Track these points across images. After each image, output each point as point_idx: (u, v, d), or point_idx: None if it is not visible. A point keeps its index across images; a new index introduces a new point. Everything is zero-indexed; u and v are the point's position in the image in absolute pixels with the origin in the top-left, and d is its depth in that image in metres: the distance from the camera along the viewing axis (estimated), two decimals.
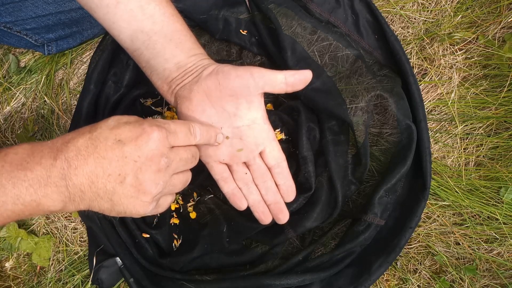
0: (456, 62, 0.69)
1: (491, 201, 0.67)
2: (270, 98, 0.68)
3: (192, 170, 0.64)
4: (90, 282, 0.65)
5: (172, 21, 0.49)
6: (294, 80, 0.48)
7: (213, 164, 0.52)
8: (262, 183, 0.53)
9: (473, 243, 0.68)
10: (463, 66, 0.70)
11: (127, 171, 0.39)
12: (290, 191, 0.55)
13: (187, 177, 0.48)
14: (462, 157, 0.69)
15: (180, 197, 0.66)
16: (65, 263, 0.69)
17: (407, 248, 0.69)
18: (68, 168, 0.37)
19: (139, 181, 0.39)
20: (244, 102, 0.48)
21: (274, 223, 0.62)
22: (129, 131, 0.39)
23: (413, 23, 0.71)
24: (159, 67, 0.48)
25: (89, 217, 0.64)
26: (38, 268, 0.70)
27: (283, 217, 0.54)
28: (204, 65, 0.48)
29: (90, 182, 0.38)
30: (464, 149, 0.69)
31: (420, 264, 0.69)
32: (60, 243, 0.70)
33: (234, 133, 0.50)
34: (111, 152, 0.38)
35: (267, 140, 0.52)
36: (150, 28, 0.47)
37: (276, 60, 0.65)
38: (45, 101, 0.70)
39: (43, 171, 0.37)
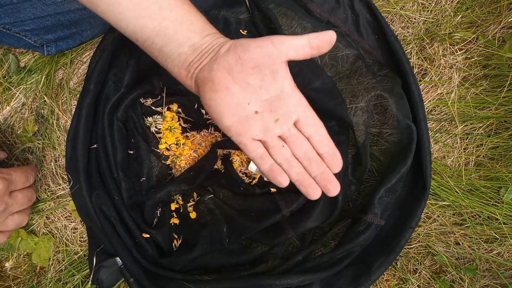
0: (456, 62, 0.69)
1: (491, 201, 0.67)
2: None
3: (192, 170, 0.64)
4: (90, 282, 0.65)
5: (179, 3, 0.47)
6: (318, 41, 0.45)
7: (246, 142, 0.49)
8: (303, 154, 0.49)
9: (473, 243, 0.68)
10: (463, 66, 0.70)
11: None
12: (335, 159, 0.49)
13: (21, 220, 0.59)
14: (462, 157, 0.69)
15: (180, 197, 0.66)
16: (65, 263, 0.69)
17: (407, 248, 0.69)
18: None
19: None
20: (268, 73, 0.45)
21: (273, 223, 0.62)
22: None
23: (413, 23, 0.71)
24: (174, 53, 0.47)
25: (89, 217, 0.64)
26: (38, 268, 0.70)
27: (334, 187, 0.49)
28: (220, 43, 0.46)
29: None
30: (464, 149, 0.69)
31: (420, 264, 0.69)
32: (60, 243, 0.69)
33: (263, 107, 0.47)
34: None
35: (299, 108, 0.48)
36: (158, 14, 0.45)
37: None
38: (45, 101, 0.70)
39: None
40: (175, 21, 0.46)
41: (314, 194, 0.49)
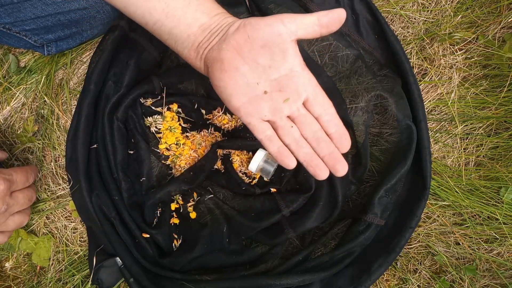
0: (456, 62, 0.69)
1: (491, 201, 0.67)
2: None
3: (192, 170, 0.64)
4: (90, 282, 0.65)
5: None
6: (328, 20, 0.45)
7: (255, 123, 0.48)
8: (312, 134, 0.48)
9: (473, 243, 0.68)
10: (463, 66, 0.70)
11: None
12: (344, 139, 0.48)
13: (21, 220, 0.60)
14: (462, 157, 0.69)
15: (180, 197, 0.66)
16: (65, 263, 0.69)
17: (407, 248, 0.69)
18: None
19: None
20: (278, 51, 0.45)
21: (273, 224, 0.62)
22: None
23: (413, 23, 0.71)
24: (183, 34, 0.47)
25: (89, 217, 0.64)
26: (38, 268, 0.70)
27: (342, 167, 0.48)
28: (229, 22, 0.47)
29: None
30: (464, 149, 0.69)
31: (420, 264, 0.69)
32: (60, 243, 0.69)
33: (272, 86, 0.47)
34: None
35: (309, 87, 0.47)
36: None
37: None
38: (45, 101, 0.70)
39: None
40: (183, 1, 0.46)
41: (322, 174, 0.48)
